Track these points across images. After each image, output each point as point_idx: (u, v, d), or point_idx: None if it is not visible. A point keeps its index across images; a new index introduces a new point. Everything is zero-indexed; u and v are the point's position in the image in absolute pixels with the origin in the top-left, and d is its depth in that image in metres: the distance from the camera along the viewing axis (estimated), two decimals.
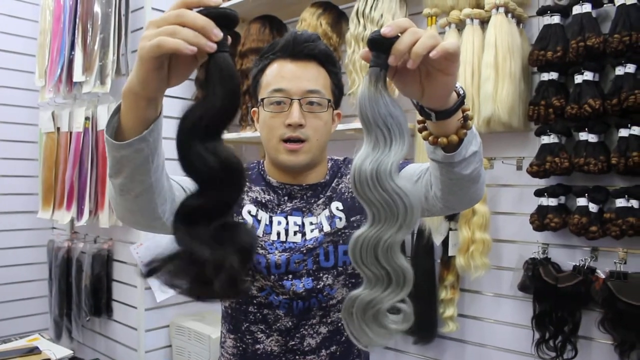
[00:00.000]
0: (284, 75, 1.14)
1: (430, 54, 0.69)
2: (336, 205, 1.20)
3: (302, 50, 1.14)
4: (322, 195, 1.21)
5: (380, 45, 0.70)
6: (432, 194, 1.01)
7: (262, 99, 1.15)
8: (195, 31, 0.66)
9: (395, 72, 0.75)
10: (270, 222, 1.18)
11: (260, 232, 1.18)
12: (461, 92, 0.81)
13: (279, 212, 1.20)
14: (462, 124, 0.84)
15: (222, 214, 0.71)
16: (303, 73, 1.14)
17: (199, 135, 0.67)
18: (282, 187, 1.21)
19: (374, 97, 0.69)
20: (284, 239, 1.17)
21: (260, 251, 1.16)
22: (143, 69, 0.70)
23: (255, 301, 1.18)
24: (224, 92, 0.68)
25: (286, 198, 1.21)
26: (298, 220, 1.19)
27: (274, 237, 1.17)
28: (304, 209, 1.20)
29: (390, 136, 0.69)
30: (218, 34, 0.67)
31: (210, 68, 0.68)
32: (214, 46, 0.67)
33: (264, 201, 1.20)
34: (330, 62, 1.18)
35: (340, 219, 1.18)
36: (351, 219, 1.19)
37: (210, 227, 0.68)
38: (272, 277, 1.15)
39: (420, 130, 0.87)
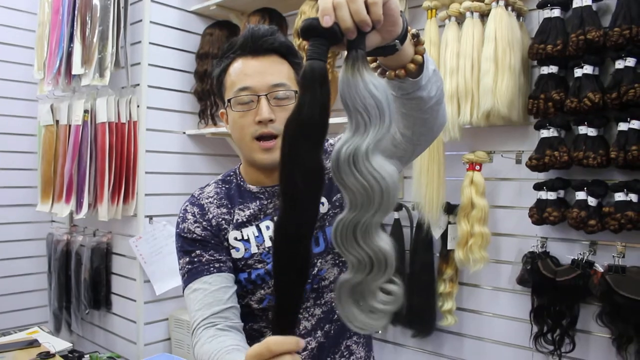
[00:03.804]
0: (247, 73, 1.13)
1: (372, 19, 0.69)
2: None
3: (261, 45, 1.13)
4: None
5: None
6: (400, 139, 1.00)
7: (229, 100, 1.14)
8: None
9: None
10: (259, 230, 1.18)
11: (253, 248, 1.17)
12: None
13: (262, 217, 1.19)
14: (415, 41, 0.84)
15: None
16: (266, 68, 1.13)
17: (303, 143, 0.69)
18: (263, 192, 1.20)
19: (352, 80, 0.69)
20: None
21: (259, 265, 1.17)
22: None
23: (257, 312, 1.19)
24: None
25: (269, 201, 1.20)
26: None
27: (267, 243, 1.17)
28: None
29: (369, 118, 0.68)
30: None
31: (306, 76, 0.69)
32: None
33: (246, 218, 1.19)
34: (291, 53, 1.17)
35: (323, 203, 1.18)
36: (333, 199, 1.19)
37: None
38: (272, 281, 1.16)
39: (382, 75, 0.86)
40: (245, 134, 1.13)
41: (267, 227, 1.18)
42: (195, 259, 1.15)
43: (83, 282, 2.72)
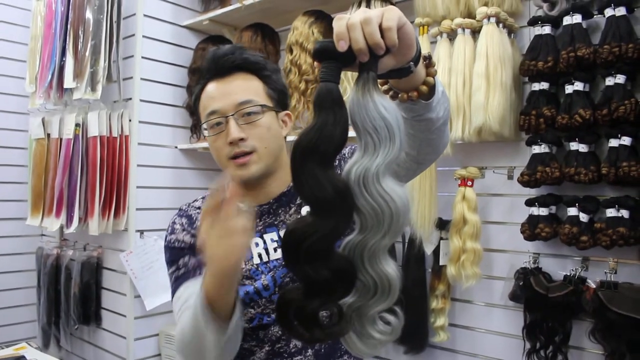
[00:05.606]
0: (213, 96, 1.15)
1: (387, 44, 0.69)
2: (307, 209, 1.19)
3: (223, 65, 1.15)
4: (292, 205, 1.20)
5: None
6: (404, 158, 0.99)
7: (202, 125, 1.17)
8: None
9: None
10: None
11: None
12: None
13: None
14: (427, 63, 0.84)
15: (333, 241, 0.70)
16: (230, 88, 1.14)
17: (316, 160, 0.68)
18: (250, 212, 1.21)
19: (362, 101, 0.69)
20: (267, 259, 1.17)
21: (247, 281, 1.16)
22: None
23: (247, 331, 1.18)
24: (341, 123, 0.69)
25: (257, 220, 1.19)
26: (274, 235, 1.18)
27: (256, 260, 1.17)
28: (276, 223, 1.19)
29: (378, 139, 0.68)
30: None
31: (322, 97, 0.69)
32: None
33: None
34: (257, 68, 1.18)
35: None
36: None
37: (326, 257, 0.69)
38: (262, 300, 1.15)
39: (394, 98, 0.86)
40: (221, 156, 1.15)
41: (257, 244, 1.18)
42: (182, 265, 1.17)
43: (73, 296, 2.69)
